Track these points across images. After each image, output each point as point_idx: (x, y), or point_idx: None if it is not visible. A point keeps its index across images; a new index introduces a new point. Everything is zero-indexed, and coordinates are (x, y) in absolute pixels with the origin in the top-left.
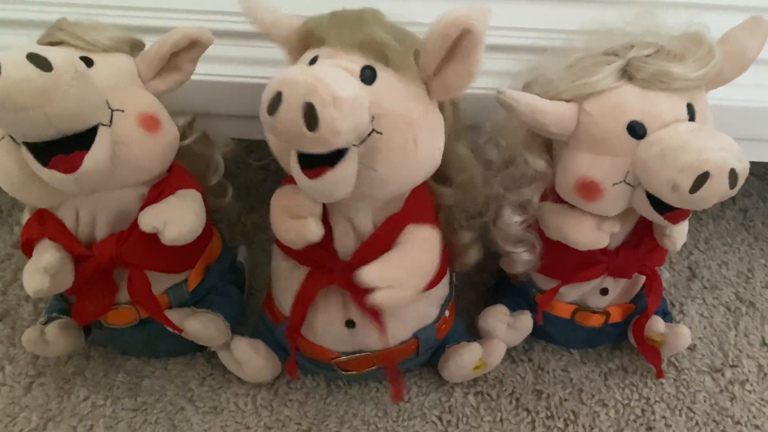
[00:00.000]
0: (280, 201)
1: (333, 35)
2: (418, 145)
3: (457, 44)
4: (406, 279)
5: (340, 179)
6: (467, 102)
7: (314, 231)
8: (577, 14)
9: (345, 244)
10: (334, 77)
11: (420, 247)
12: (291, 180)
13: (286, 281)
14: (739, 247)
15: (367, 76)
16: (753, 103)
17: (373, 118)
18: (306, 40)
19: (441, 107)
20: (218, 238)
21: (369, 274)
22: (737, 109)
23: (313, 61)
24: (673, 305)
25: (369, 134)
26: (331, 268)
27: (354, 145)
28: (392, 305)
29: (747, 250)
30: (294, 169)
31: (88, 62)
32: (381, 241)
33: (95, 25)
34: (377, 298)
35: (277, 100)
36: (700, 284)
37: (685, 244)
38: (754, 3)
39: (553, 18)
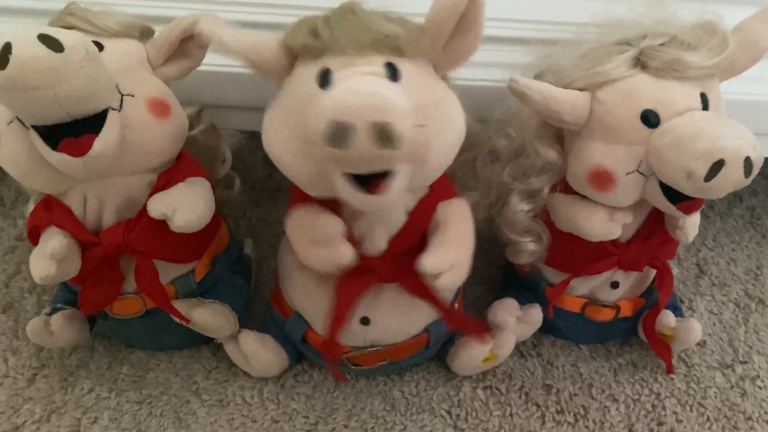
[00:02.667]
0: (300, 228)
1: (342, 40)
2: (454, 121)
3: (464, 14)
4: (462, 255)
5: (402, 184)
6: (476, 94)
7: (347, 255)
8: (586, 7)
9: (376, 243)
10: (382, 87)
11: (460, 221)
12: (298, 199)
13: (299, 276)
14: (747, 245)
15: (391, 74)
16: (762, 97)
17: None
18: (294, 54)
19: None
20: (226, 229)
21: (432, 263)
22: (747, 103)
23: (324, 74)
24: (682, 302)
25: None
26: (367, 268)
27: None
28: (457, 284)
29: (755, 248)
30: (346, 190)
31: (99, 47)
32: (414, 227)
33: (105, 11)
34: (444, 282)
35: (342, 130)
36: (708, 281)
37: (692, 242)
38: None
39: (562, 10)
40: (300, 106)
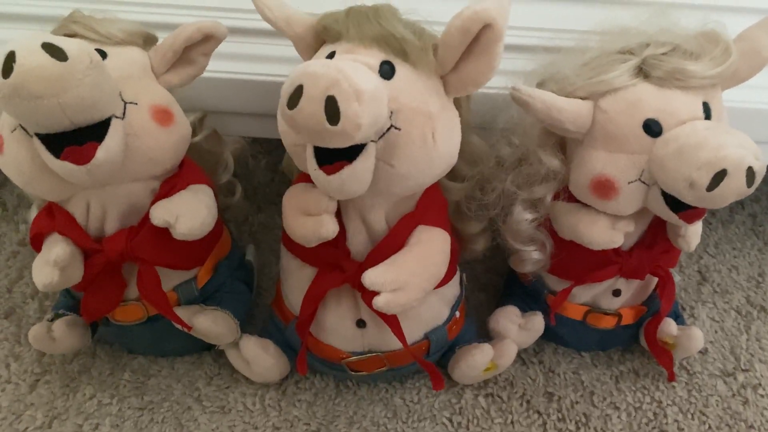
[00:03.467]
0: (294, 198)
1: (351, 30)
2: (437, 140)
3: (477, 39)
4: (412, 282)
5: (357, 175)
6: (479, 102)
7: (330, 227)
8: (589, 14)
9: (358, 243)
10: (355, 70)
11: (429, 250)
12: (303, 178)
13: (296, 280)
14: (749, 252)
15: (386, 71)
16: (765, 106)
17: (391, 113)
18: (321, 37)
19: (456, 102)
20: (228, 236)
21: (373, 277)
22: (749, 112)
23: (330, 56)
24: (684, 309)
25: (387, 130)
26: (342, 267)
27: (372, 141)
28: (396, 309)
29: (757, 255)
30: (310, 164)
31: (102, 55)
32: (394, 242)
33: (109, 18)
34: (380, 302)
35: (297, 93)
36: (710, 288)
37: (694, 249)
38: (764, 5)
39: (565, 18)
40: None
